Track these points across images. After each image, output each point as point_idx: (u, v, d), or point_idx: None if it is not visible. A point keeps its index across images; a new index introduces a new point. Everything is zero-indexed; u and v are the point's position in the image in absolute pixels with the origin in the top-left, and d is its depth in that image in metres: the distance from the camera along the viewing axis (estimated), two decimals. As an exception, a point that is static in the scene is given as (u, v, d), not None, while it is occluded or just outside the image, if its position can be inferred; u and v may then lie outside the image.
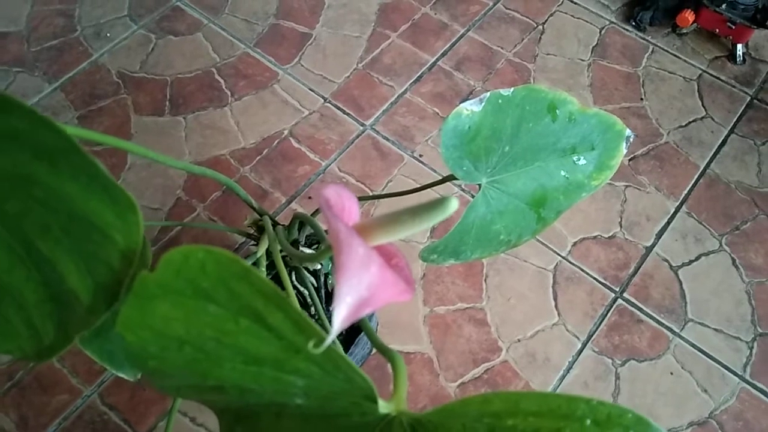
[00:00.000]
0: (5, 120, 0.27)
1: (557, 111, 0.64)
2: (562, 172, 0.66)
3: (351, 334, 0.93)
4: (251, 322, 0.29)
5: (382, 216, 0.30)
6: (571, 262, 1.14)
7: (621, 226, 1.18)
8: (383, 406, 0.33)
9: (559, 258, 1.15)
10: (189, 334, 0.30)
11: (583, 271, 1.13)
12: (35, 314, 0.39)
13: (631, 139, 0.71)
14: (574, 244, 1.16)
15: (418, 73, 1.36)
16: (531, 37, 1.41)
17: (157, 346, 0.31)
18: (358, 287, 0.26)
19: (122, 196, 0.29)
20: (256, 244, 0.77)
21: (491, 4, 1.47)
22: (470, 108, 0.54)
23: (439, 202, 0.27)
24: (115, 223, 0.30)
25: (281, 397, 0.36)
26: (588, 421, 0.30)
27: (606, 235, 1.17)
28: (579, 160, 0.67)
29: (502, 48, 1.40)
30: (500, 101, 0.57)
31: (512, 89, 0.58)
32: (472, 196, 1.21)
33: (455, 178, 0.63)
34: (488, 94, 0.56)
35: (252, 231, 0.80)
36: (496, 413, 0.31)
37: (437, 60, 1.38)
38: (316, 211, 0.83)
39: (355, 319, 0.26)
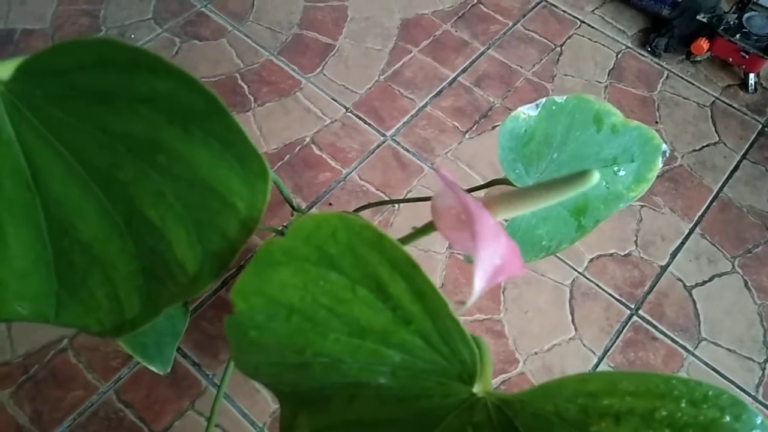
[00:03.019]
0: (148, 82, 0.28)
1: (602, 121, 0.65)
2: (604, 182, 0.68)
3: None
4: (369, 291, 0.30)
5: (504, 193, 0.32)
6: (587, 278, 1.16)
7: (636, 245, 1.20)
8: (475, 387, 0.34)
9: (576, 273, 1.16)
10: (302, 302, 0.31)
11: (599, 287, 1.15)
12: (122, 287, 0.39)
13: (667, 154, 0.73)
14: (591, 260, 1.18)
15: (439, 88, 1.39)
16: (549, 58, 1.44)
17: (265, 314, 0.31)
18: (494, 255, 0.27)
19: (256, 162, 0.30)
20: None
21: (511, 24, 1.50)
22: (527, 112, 0.56)
23: (580, 175, 0.28)
24: (240, 191, 0.30)
25: (367, 375, 0.37)
26: (684, 402, 0.31)
27: (622, 253, 1.19)
28: (619, 170, 0.69)
29: (521, 67, 1.42)
30: (554, 107, 0.59)
31: (565, 97, 0.59)
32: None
33: (500, 183, 0.65)
34: (544, 99, 0.57)
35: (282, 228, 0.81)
36: (592, 393, 0.32)
37: (457, 76, 1.41)
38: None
39: (492, 284, 0.27)
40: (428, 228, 0.36)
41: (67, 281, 0.40)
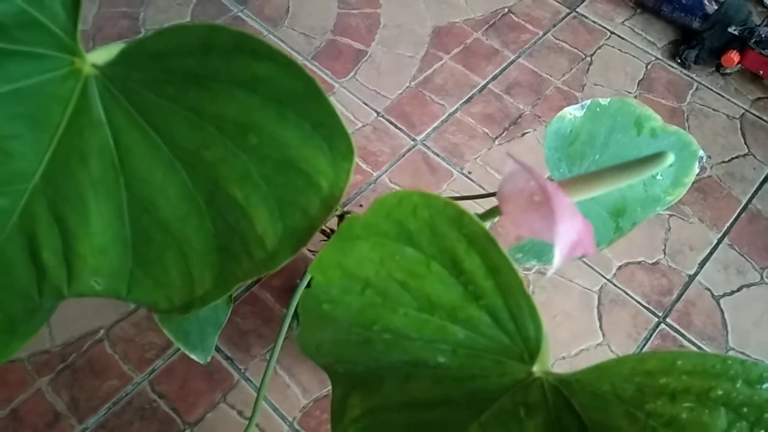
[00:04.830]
0: (250, 66, 0.30)
1: (643, 125, 0.67)
2: (642, 185, 0.69)
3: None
4: (443, 267, 0.32)
5: (578, 176, 0.33)
6: (616, 285, 1.16)
7: (665, 254, 1.21)
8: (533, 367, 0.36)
9: (605, 280, 1.17)
10: (377, 276, 0.33)
11: (627, 294, 1.16)
12: (196, 264, 0.42)
13: (704, 160, 0.74)
14: (619, 267, 1.19)
15: (469, 95, 1.41)
16: (579, 68, 1.46)
17: (340, 288, 0.33)
18: (572, 230, 0.28)
19: (344, 143, 0.32)
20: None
21: (541, 33, 1.52)
22: (573, 112, 0.58)
23: (656, 156, 0.30)
24: (325, 171, 0.32)
25: (427, 353, 0.39)
26: (740, 382, 0.32)
27: (650, 261, 1.20)
28: (658, 174, 0.70)
29: (551, 76, 1.44)
30: (598, 109, 0.60)
31: (609, 99, 0.61)
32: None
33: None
34: (589, 101, 0.59)
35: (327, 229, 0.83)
36: (649, 372, 0.33)
37: (488, 83, 1.43)
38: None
39: (570, 258, 0.29)
40: (491, 213, 0.38)
41: (142, 258, 0.43)
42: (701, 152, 0.74)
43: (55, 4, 0.33)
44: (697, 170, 0.73)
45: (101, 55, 0.36)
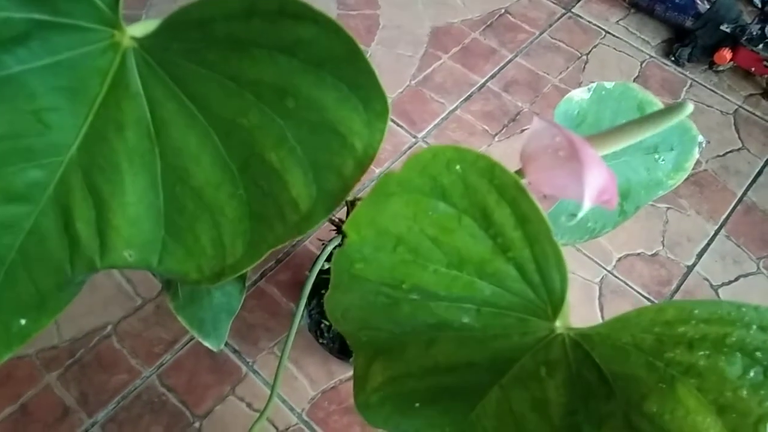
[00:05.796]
0: (292, 30, 0.32)
1: (645, 110, 0.69)
2: (645, 169, 0.71)
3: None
4: (473, 220, 0.33)
5: (601, 132, 0.35)
6: (616, 276, 1.19)
7: (663, 245, 1.23)
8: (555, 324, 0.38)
9: (605, 272, 1.19)
10: (410, 233, 0.34)
11: (627, 285, 1.18)
12: (227, 232, 0.43)
13: (704, 145, 0.76)
14: (619, 259, 1.21)
15: (468, 93, 1.43)
16: (575, 66, 1.48)
17: (373, 245, 0.35)
18: (599, 176, 0.30)
19: (380, 104, 0.33)
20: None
21: (537, 33, 1.54)
22: (580, 95, 0.60)
23: (675, 106, 0.32)
24: (360, 131, 0.34)
25: (453, 314, 0.40)
26: (754, 327, 0.34)
27: (649, 253, 1.22)
28: (660, 158, 0.72)
29: (548, 74, 1.47)
30: (603, 92, 0.62)
31: (613, 83, 0.63)
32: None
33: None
34: (595, 84, 0.61)
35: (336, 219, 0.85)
36: (668, 322, 0.35)
37: (486, 81, 1.45)
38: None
39: (598, 201, 0.31)
40: (520, 173, 0.39)
41: (174, 227, 0.44)
42: (700, 137, 0.76)
43: (100, -24, 0.34)
44: (697, 155, 0.75)
45: (141, 28, 0.37)
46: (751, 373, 0.34)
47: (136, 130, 0.41)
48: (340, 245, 0.36)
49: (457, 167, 0.32)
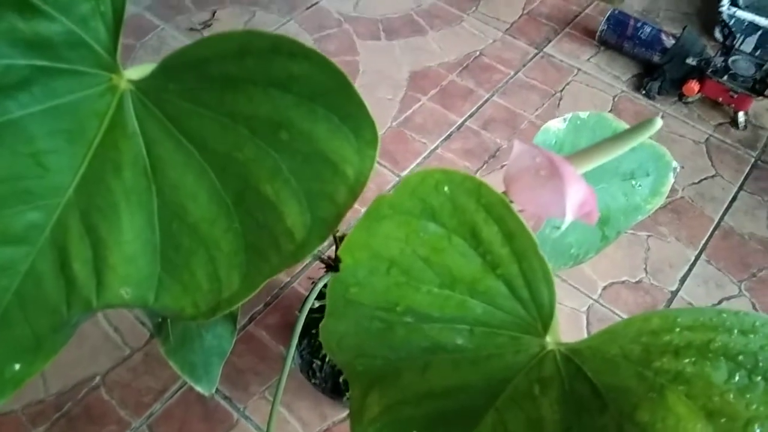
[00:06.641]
0: (286, 66, 0.34)
1: (619, 138, 0.72)
2: (623, 195, 0.74)
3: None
4: (463, 239, 0.35)
5: (579, 150, 0.37)
6: (602, 305, 1.20)
7: (646, 272, 1.25)
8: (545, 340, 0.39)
9: (591, 300, 1.21)
10: (402, 255, 0.35)
11: (614, 312, 1.19)
12: (223, 266, 0.44)
13: (678, 170, 0.79)
14: (605, 288, 1.23)
15: (448, 132, 1.47)
16: (550, 103, 1.53)
17: (367, 269, 0.36)
18: (579, 190, 0.32)
19: (370, 131, 0.35)
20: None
21: (512, 73, 1.60)
22: (556, 125, 0.63)
23: (645, 123, 0.34)
24: (351, 159, 0.35)
25: (446, 335, 0.41)
26: (735, 332, 0.35)
27: (633, 280, 1.24)
28: (637, 184, 0.75)
29: (524, 111, 1.51)
30: (578, 122, 0.65)
31: (588, 113, 0.66)
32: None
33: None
34: (570, 114, 0.64)
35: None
36: (653, 331, 0.37)
37: (465, 120, 1.49)
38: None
39: (578, 216, 0.32)
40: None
41: (170, 264, 0.45)
42: (675, 163, 0.79)
43: (99, 24, 0.36)
44: (672, 180, 0.78)
45: (138, 72, 0.39)
46: (737, 377, 0.36)
47: (133, 169, 0.42)
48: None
49: (446, 188, 0.34)
